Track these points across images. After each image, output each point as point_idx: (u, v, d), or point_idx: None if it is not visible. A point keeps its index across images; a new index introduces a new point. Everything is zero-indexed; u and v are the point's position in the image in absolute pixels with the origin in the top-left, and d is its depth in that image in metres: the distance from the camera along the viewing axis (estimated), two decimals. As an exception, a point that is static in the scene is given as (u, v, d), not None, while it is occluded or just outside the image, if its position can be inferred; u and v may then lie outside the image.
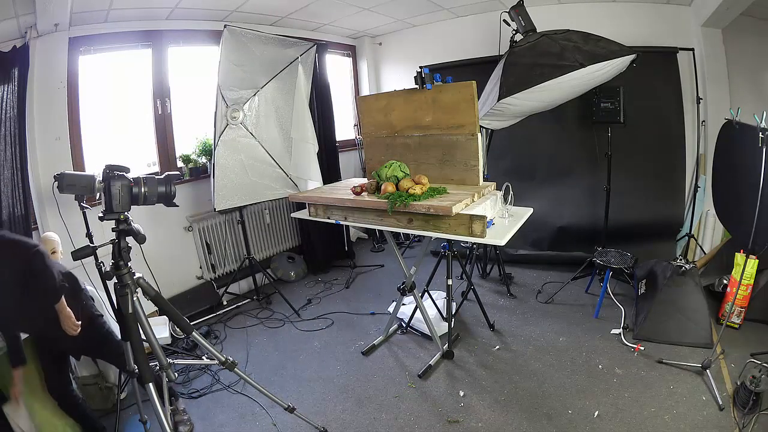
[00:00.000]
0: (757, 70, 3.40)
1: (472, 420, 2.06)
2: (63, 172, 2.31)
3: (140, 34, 3.11)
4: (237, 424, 2.15)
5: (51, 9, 2.32)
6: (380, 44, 4.88)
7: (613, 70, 2.63)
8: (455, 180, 2.21)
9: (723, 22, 3.23)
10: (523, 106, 2.76)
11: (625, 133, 3.36)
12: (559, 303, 3.16)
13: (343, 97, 5.01)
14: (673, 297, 2.59)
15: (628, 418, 1.97)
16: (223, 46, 3.02)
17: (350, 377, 2.47)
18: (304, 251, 4.20)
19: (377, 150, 2.51)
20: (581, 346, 2.59)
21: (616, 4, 3.54)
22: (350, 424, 2.09)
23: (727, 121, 2.49)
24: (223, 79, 3.08)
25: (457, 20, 4.18)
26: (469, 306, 3.16)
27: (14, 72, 2.39)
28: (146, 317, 1.53)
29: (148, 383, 1.44)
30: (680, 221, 3.60)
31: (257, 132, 3.39)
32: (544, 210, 3.48)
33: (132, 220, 1.44)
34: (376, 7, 3.72)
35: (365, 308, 3.30)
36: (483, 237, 1.78)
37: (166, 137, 3.38)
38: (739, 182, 2.51)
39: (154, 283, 1.64)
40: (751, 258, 2.46)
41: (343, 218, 2.18)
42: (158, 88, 3.29)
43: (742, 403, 1.94)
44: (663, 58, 3.39)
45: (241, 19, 3.48)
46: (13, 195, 2.39)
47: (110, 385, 2.29)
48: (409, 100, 2.30)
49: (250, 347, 2.83)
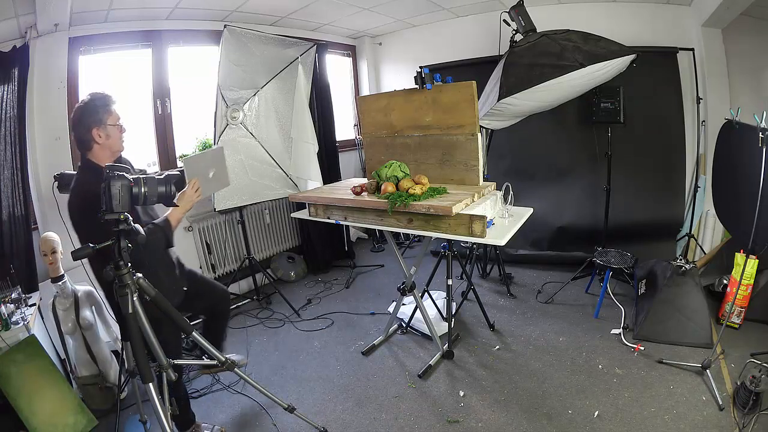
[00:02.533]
0: (757, 70, 3.40)
1: (472, 420, 2.06)
2: (63, 172, 2.32)
3: (140, 34, 3.11)
4: (237, 424, 2.15)
5: (51, 9, 2.32)
6: (380, 44, 4.88)
7: (613, 70, 2.63)
8: (455, 180, 2.21)
9: (723, 22, 3.23)
10: (523, 106, 2.76)
11: (625, 133, 3.36)
12: (559, 303, 3.16)
13: (343, 97, 5.01)
14: (673, 297, 2.59)
15: (628, 418, 1.97)
16: (223, 46, 3.02)
17: (350, 377, 2.47)
18: (304, 251, 4.20)
19: (377, 150, 2.51)
20: (581, 346, 2.59)
21: (616, 4, 3.54)
22: (350, 424, 2.09)
23: (727, 121, 2.49)
24: (223, 79, 3.08)
25: (457, 20, 4.18)
26: (469, 306, 3.16)
27: (14, 72, 2.40)
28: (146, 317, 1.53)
29: (149, 383, 1.44)
30: (680, 221, 3.60)
31: (257, 132, 3.39)
32: (544, 210, 3.48)
33: (132, 220, 1.44)
34: (376, 7, 3.72)
35: (365, 308, 3.30)
36: (483, 237, 1.78)
37: (166, 137, 3.38)
38: (739, 182, 2.51)
39: (154, 283, 1.64)
40: (751, 258, 2.46)
41: (343, 218, 2.18)
42: (158, 88, 3.29)
43: (742, 403, 1.94)
44: (663, 58, 3.39)
45: (241, 19, 3.48)
46: (13, 195, 2.39)
47: (110, 385, 2.29)
48: (409, 100, 2.30)
49: (250, 347, 2.83)
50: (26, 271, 2.42)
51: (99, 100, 1.64)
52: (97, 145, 1.63)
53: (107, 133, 1.63)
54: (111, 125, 1.64)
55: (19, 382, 1.94)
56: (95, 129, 1.60)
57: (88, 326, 2.22)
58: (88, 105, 1.62)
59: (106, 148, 1.65)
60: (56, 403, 2.03)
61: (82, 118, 1.60)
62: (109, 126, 1.63)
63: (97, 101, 1.63)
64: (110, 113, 1.65)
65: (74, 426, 2.02)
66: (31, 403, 1.94)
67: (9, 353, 1.95)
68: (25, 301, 2.20)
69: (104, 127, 1.62)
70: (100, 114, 1.61)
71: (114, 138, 1.66)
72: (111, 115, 1.65)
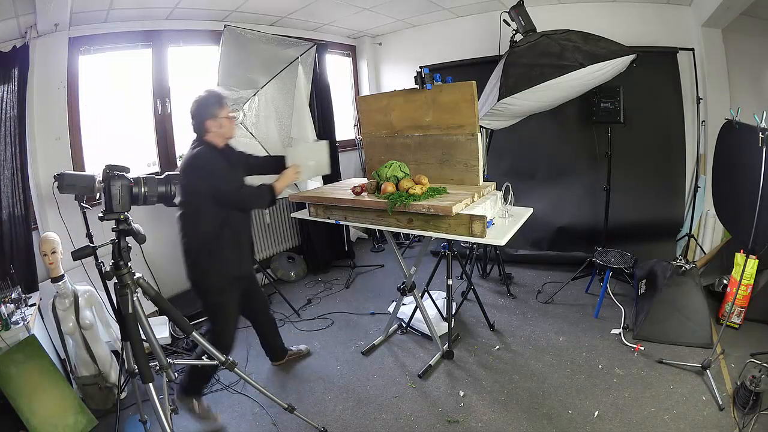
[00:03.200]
0: (757, 70, 3.40)
1: (472, 420, 2.06)
2: (63, 172, 2.32)
3: (140, 34, 3.11)
4: (237, 424, 2.15)
5: (51, 9, 2.31)
6: (380, 44, 4.88)
7: (613, 70, 2.63)
8: (455, 180, 2.21)
9: (723, 22, 3.23)
10: (523, 106, 2.76)
11: (625, 133, 3.36)
12: (559, 303, 3.16)
13: (343, 97, 5.01)
14: (673, 297, 2.59)
15: (628, 418, 1.97)
16: (223, 46, 3.02)
17: (350, 377, 2.47)
18: (304, 251, 4.20)
19: (377, 150, 2.51)
20: (581, 346, 2.59)
21: (616, 4, 3.54)
22: (350, 424, 2.09)
23: (727, 121, 2.48)
24: (223, 79, 3.08)
25: (457, 20, 4.18)
26: (469, 306, 3.16)
27: (14, 72, 2.40)
28: (146, 317, 1.53)
29: (149, 383, 1.44)
30: (680, 221, 3.60)
31: (257, 132, 3.39)
32: (544, 210, 3.48)
33: (132, 220, 1.44)
34: (376, 7, 3.72)
35: (365, 308, 3.30)
36: (483, 237, 1.78)
37: (166, 137, 3.38)
38: (738, 182, 2.51)
39: (154, 283, 1.65)
40: (751, 258, 2.46)
41: (343, 218, 2.18)
42: (158, 88, 3.29)
43: (742, 403, 1.94)
44: (663, 58, 3.39)
45: (241, 19, 3.48)
46: (13, 195, 2.39)
47: (110, 385, 2.29)
48: (409, 100, 2.30)
49: (250, 347, 2.83)
50: (26, 271, 2.42)
51: (213, 97, 1.97)
52: (212, 132, 1.97)
53: (220, 124, 1.97)
54: (223, 117, 1.97)
55: (19, 382, 1.94)
56: (209, 120, 1.94)
57: (88, 326, 2.22)
58: (204, 100, 1.95)
59: (219, 134, 2.00)
60: (56, 403, 2.03)
61: (198, 110, 1.94)
62: (221, 118, 1.97)
63: (211, 98, 1.96)
64: (223, 107, 1.98)
65: (74, 426, 2.02)
66: (31, 403, 1.94)
67: (9, 353, 1.95)
68: (25, 301, 2.20)
69: (217, 119, 1.95)
70: (215, 109, 1.95)
71: (226, 127, 2.01)
72: (223, 109, 1.98)
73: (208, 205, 1.89)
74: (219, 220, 1.93)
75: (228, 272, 2.02)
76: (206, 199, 1.88)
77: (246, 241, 2.13)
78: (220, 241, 1.95)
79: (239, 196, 1.95)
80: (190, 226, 1.94)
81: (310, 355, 2.73)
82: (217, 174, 1.88)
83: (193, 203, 1.91)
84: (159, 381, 1.54)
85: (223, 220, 1.93)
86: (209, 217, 1.91)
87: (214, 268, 1.97)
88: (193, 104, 1.96)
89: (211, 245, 1.93)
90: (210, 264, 1.96)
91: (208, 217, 1.91)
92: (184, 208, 1.94)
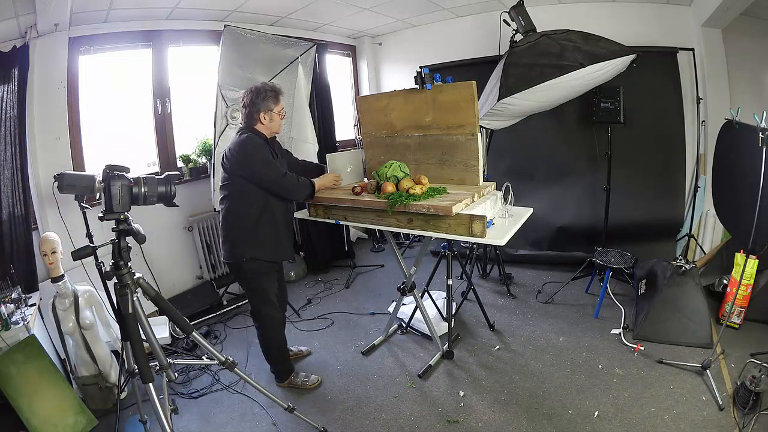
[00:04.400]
0: (757, 70, 3.40)
1: (472, 420, 2.06)
2: (63, 172, 2.31)
3: (140, 34, 3.11)
4: (237, 424, 2.15)
5: (51, 9, 2.31)
6: (380, 44, 4.88)
7: (613, 70, 2.63)
8: (455, 180, 2.21)
9: (723, 22, 3.23)
10: (523, 106, 2.75)
11: (625, 133, 3.36)
12: (559, 303, 3.16)
13: (343, 97, 5.01)
14: (673, 297, 2.59)
15: (628, 418, 1.97)
16: (223, 46, 3.02)
17: (350, 377, 2.47)
18: (304, 251, 4.20)
19: (377, 150, 2.51)
20: (581, 346, 2.59)
21: (616, 4, 3.54)
22: (350, 424, 2.09)
23: (727, 121, 2.48)
24: (223, 79, 3.08)
25: (457, 20, 4.18)
26: (469, 306, 3.16)
27: (14, 72, 2.40)
28: (146, 317, 1.53)
29: (149, 383, 1.44)
30: (680, 221, 3.60)
31: (257, 132, 3.38)
32: (544, 210, 3.48)
33: (132, 220, 1.44)
34: (376, 7, 3.72)
35: (365, 308, 3.30)
36: (483, 237, 1.78)
37: (166, 137, 3.38)
38: (739, 182, 2.51)
39: (154, 283, 1.65)
40: (751, 258, 2.46)
41: (343, 218, 2.18)
42: (158, 88, 3.29)
43: (742, 403, 1.94)
44: (663, 58, 3.39)
45: (241, 19, 3.48)
46: (13, 195, 2.39)
47: (110, 385, 2.29)
48: (409, 100, 2.30)
49: (250, 347, 2.83)
50: (26, 271, 2.42)
51: (271, 91, 2.05)
52: (262, 124, 2.06)
53: (271, 118, 2.06)
54: (276, 113, 2.07)
55: (19, 382, 1.94)
56: (262, 113, 2.03)
57: (88, 326, 2.22)
58: (262, 92, 2.03)
59: (267, 127, 2.08)
60: (56, 403, 2.03)
61: (254, 101, 2.02)
62: (273, 113, 2.06)
63: (269, 91, 2.04)
64: (278, 103, 2.07)
65: (74, 426, 2.02)
66: (31, 403, 1.94)
67: (9, 353, 1.95)
68: (25, 301, 2.20)
69: (270, 113, 2.05)
70: (271, 103, 2.04)
71: (275, 122, 2.09)
72: (278, 105, 2.07)
73: (251, 189, 2.00)
74: (260, 205, 2.04)
75: (264, 257, 2.11)
76: (249, 183, 1.99)
77: (284, 229, 2.17)
78: (259, 225, 2.04)
79: (282, 182, 2.01)
80: (233, 208, 2.05)
81: (310, 354, 2.73)
82: (263, 160, 1.98)
83: (236, 185, 2.01)
84: (159, 381, 1.54)
85: (264, 206, 2.04)
86: (251, 200, 2.02)
87: (251, 251, 2.06)
88: (250, 94, 2.03)
89: (249, 229, 2.04)
90: (246, 247, 2.06)
91: (251, 199, 2.02)
92: (227, 190, 2.05)
